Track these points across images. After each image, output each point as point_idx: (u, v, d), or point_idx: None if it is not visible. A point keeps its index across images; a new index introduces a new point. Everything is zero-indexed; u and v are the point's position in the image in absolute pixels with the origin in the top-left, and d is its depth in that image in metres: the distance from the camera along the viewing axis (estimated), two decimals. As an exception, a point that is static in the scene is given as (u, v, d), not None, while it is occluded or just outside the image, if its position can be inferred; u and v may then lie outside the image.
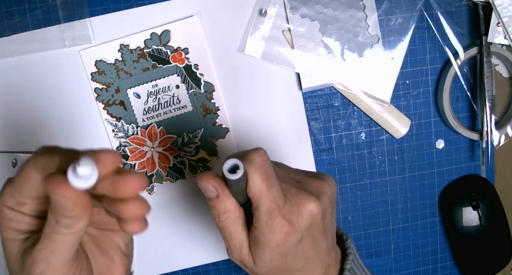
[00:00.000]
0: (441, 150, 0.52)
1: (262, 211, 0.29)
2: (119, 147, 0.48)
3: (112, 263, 0.29)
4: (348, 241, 0.36)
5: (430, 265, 0.54)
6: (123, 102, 0.47)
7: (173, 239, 0.50)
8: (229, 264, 0.51)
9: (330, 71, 0.47)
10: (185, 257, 0.51)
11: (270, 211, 0.28)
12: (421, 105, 0.51)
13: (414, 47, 0.50)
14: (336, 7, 0.46)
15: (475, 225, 0.52)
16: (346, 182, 0.51)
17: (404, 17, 0.48)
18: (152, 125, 0.48)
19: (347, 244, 0.35)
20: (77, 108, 0.47)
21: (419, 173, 0.52)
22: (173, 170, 0.49)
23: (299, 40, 0.47)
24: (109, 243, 0.29)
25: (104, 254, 0.29)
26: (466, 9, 0.50)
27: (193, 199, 0.50)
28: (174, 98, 0.47)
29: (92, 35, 0.46)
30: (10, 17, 0.45)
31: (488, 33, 0.48)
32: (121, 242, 0.29)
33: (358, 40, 0.47)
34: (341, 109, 0.50)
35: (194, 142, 0.48)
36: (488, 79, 0.49)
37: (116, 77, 0.46)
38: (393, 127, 0.50)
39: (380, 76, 0.48)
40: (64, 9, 0.45)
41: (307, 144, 0.50)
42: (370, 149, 0.51)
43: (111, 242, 0.29)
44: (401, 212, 0.52)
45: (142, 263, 0.50)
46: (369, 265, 0.53)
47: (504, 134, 0.50)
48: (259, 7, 0.47)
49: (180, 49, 0.46)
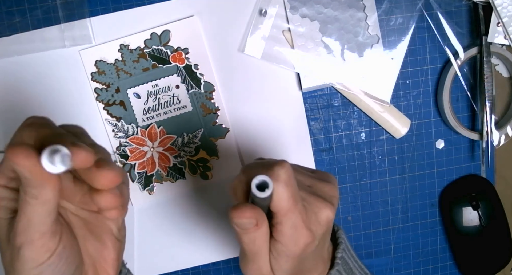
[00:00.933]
0: (441, 150, 0.52)
1: (287, 226, 0.28)
2: (119, 147, 0.48)
3: (105, 247, 0.29)
4: (339, 231, 0.36)
5: (430, 265, 0.54)
6: (123, 102, 0.47)
7: (173, 239, 0.50)
8: (229, 264, 0.51)
9: (330, 71, 0.47)
10: (185, 257, 0.51)
11: (296, 225, 0.28)
12: (421, 105, 0.51)
13: (414, 47, 0.50)
14: (336, 7, 0.46)
15: (475, 225, 0.52)
16: (346, 182, 0.51)
17: (404, 17, 0.48)
18: (152, 125, 0.48)
19: (338, 234, 0.35)
20: (77, 108, 0.47)
21: (419, 173, 0.52)
22: (173, 170, 0.49)
23: (299, 40, 0.47)
24: (101, 227, 0.29)
25: (96, 238, 0.29)
26: (466, 9, 0.50)
27: (193, 199, 0.50)
28: (174, 98, 0.47)
29: (92, 35, 0.46)
30: (10, 17, 0.45)
31: (488, 33, 0.48)
32: (113, 227, 0.29)
33: (358, 40, 0.47)
34: (341, 109, 0.50)
35: (194, 142, 0.48)
36: (488, 79, 0.49)
37: (116, 77, 0.46)
38: (393, 127, 0.50)
39: (380, 76, 0.48)
40: (64, 9, 0.45)
41: (307, 144, 0.50)
42: (370, 149, 0.51)
43: (104, 226, 0.29)
44: (401, 212, 0.52)
45: (142, 263, 0.50)
46: (369, 265, 0.53)
47: (504, 134, 0.50)
48: (259, 7, 0.47)
49: (180, 49, 0.46)
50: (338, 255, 0.33)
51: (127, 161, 0.48)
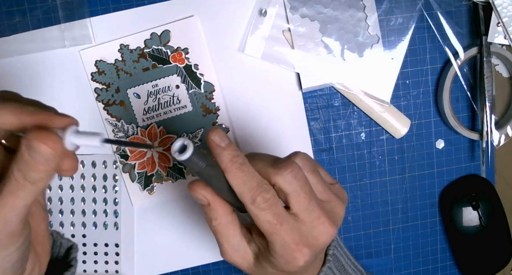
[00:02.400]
0: (441, 150, 0.52)
1: (277, 245, 0.28)
2: (119, 147, 0.48)
3: (35, 218, 0.29)
4: None
5: (430, 265, 0.54)
6: (123, 102, 0.47)
7: (173, 239, 0.50)
8: (229, 264, 0.51)
9: (330, 71, 0.47)
10: (185, 257, 0.51)
11: (286, 246, 0.27)
12: (421, 105, 0.51)
13: (414, 47, 0.50)
14: (336, 7, 0.46)
15: (475, 225, 0.52)
16: (346, 182, 0.51)
17: (404, 17, 0.48)
18: (152, 125, 0.48)
19: None
20: (77, 108, 0.47)
21: (419, 173, 0.52)
22: (173, 170, 0.49)
23: (299, 40, 0.47)
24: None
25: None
26: (466, 9, 0.50)
27: (193, 199, 0.49)
28: (174, 98, 0.47)
29: (92, 35, 0.46)
30: (10, 17, 0.45)
31: (488, 33, 0.48)
32: (40, 198, 0.29)
33: (358, 40, 0.47)
34: (341, 109, 0.50)
35: (194, 142, 0.48)
36: (488, 79, 0.49)
37: (116, 77, 0.46)
38: (393, 127, 0.50)
39: (380, 76, 0.48)
40: (64, 9, 0.45)
41: (307, 144, 0.50)
42: (370, 149, 0.51)
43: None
44: (401, 212, 0.52)
45: (142, 263, 0.50)
46: (369, 265, 0.53)
47: (504, 134, 0.50)
48: (259, 7, 0.47)
49: (180, 49, 0.46)
50: (330, 252, 0.33)
51: (127, 161, 0.48)
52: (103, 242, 0.49)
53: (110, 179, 0.48)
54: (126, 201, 0.49)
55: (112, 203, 0.49)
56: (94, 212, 0.49)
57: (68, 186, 0.48)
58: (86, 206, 0.49)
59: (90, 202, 0.48)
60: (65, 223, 0.49)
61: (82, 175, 0.48)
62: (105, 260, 0.50)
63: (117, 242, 0.49)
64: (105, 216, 0.49)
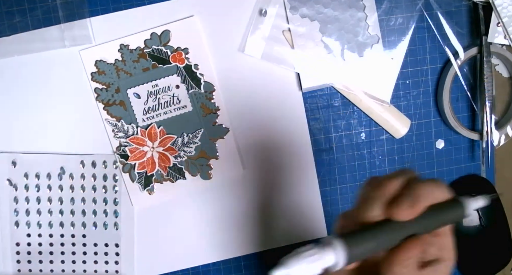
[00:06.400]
0: (441, 150, 0.52)
1: None
2: (119, 147, 0.48)
3: None
4: None
5: (430, 265, 0.54)
6: (123, 102, 0.47)
7: (173, 239, 0.50)
8: (229, 264, 0.51)
9: (330, 71, 0.47)
10: (185, 257, 0.51)
11: None
12: (421, 105, 0.51)
13: (414, 47, 0.50)
14: (336, 7, 0.46)
15: (475, 225, 0.52)
16: (346, 182, 0.51)
17: (404, 17, 0.48)
18: (152, 125, 0.48)
19: None
20: (77, 108, 0.47)
21: (419, 173, 0.52)
22: (173, 170, 0.49)
23: (299, 40, 0.47)
24: None
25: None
26: (466, 9, 0.50)
27: (193, 199, 0.50)
28: (174, 98, 0.47)
29: (92, 35, 0.46)
30: (10, 17, 0.45)
31: (488, 33, 0.48)
32: None
33: (358, 40, 0.47)
34: (341, 109, 0.50)
35: (194, 142, 0.48)
36: (488, 79, 0.49)
37: (116, 77, 0.46)
38: (393, 127, 0.50)
39: (380, 76, 0.48)
40: (64, 9, 0.45)
41: (307, 144, 0.50)
42: (370, 149, 0.51)
43: None
44: (401, 212, 0.52)
45: (142, 263, 0.50)
46: (369, 265, 0.53)
47: (504, 134, 0.50)
48: (259, 7, 0.47)
49: (180, 49, 0.46)
50: None
51: (127, 161, 0.48)
52: (103, 242, 0.49)
53: (110, 179, 0.48)
54: (126, 201, 0.49)
55: (112, 203, 0.49)
56: (94, 212, 0.49)
57: (68, 186, 0.48)
58: (86, 206, 0.49)
59: (90, 202, 0.48)
60: (65, 223, 0.49)
61: (82, 175, 0.48)
62: (105, 260, 0.50)
63: (117, 242, 0.49)
64: (105, 216, 0.49)
